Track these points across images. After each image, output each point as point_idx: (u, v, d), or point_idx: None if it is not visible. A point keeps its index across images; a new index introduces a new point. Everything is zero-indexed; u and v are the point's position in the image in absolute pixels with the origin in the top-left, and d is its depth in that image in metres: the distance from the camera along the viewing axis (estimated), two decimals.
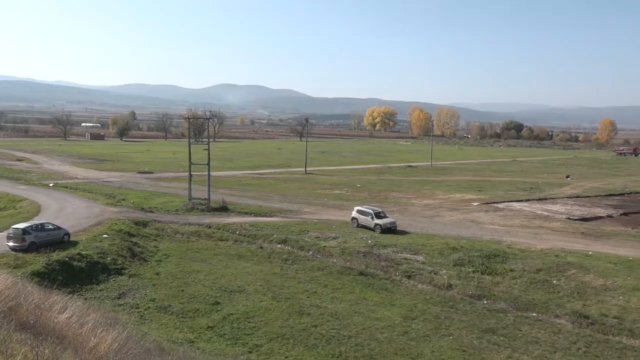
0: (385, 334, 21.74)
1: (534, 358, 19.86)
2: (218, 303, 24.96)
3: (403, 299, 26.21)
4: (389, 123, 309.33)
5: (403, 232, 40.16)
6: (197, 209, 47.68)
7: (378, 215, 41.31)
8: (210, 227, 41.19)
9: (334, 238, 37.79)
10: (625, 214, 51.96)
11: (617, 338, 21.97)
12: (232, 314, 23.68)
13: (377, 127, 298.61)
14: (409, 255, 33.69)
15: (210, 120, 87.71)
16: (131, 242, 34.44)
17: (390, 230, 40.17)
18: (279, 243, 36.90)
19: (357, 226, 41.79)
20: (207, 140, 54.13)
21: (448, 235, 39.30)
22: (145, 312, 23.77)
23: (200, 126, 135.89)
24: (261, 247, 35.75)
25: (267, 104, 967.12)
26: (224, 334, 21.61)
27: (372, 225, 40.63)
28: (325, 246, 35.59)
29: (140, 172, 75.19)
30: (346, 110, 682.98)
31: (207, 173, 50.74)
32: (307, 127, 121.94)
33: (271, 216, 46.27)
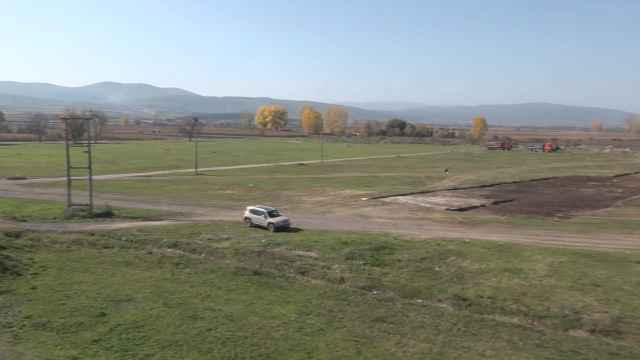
0: (281, 332, 21.92)
1: (420, 341, 21.14)
2: (104, 314, 23.56)
3: (297, 295, 26.58)
4: (280, 122, 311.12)
5: (296, 230, 40.69)
6: (78, 215, 44.61)
7: (271, 214, 41.45)
8: (93, 235, 38.74)
9: (227, 239, 37.32)
10: (495, 203, 56.99)
11: (491, 316, 24.06)
12: (120, 324, 22.49)
13: (268, 126, 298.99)
14: (302, 252, 34.23)
15: (91, 120, 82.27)
16: (1, 255, 31.33)
17: (283, 228, 40.51)
18: (169, 247, 35.65)
19: (251, 226, 41.62)
20: (87, 142, 50.76)
21: (339, 231, 40.50)
22: (20, 331, 21.79)
23: (80, 127, 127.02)
24: (150, 253, 34.29)
25: (154, 104, 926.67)
26: (112, 347, 20.46)
27: (266, 224, 40.70)
28: (218, 248, 35.02)
29: (10, 178, 68.71)
30: (237, 109, 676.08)
31: (88, 177, 47.56)
32: (196, 126, 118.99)
33: (160, 220, 44.56)
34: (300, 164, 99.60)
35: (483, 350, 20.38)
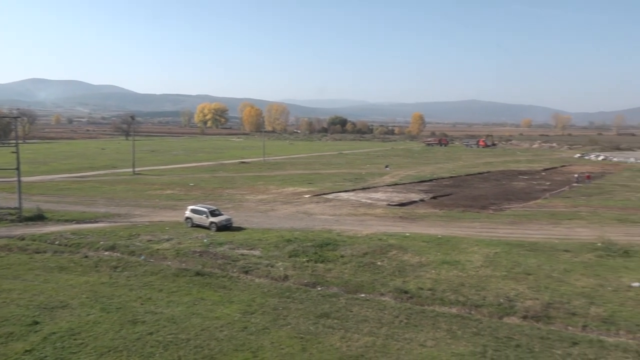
0: (225, 332, 21.67)
1: (364, 335, 21.50)
2: (37, 323, 22.41)
3: (241, 294, 26.35)
4: (221, 120, 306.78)
5: (239, 229, 40.32)
6: (6, 219, 42.26)
7: (213, 213, 40.86)
8: (23, 239, 36.76)
9: (168, 240, 36.45)
10: (434, 197, 58.76)
11: (431, 307, 24.81)
12: (54, 332, 21.47)
13: (209, 124, 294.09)
14: (245, 250, 33.96)
15: (19, 119, 77.91)
16: None
17: (226, 227, 40.03)
18: (106, 250, 34.36)
19: (192, 226, 40.86)
20: (15, 142, 48.05)
21: (283, 228, 40.48)
22: None
23: (6, 126, 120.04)
24: (86, 256, 32.93)
25: (88, 101, 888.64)
26: (45, 357, 19.51)
27: (208, 224, 40.07)
28: (158, 249, 34.13)
29: None
30: (176, 107, 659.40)
31: (17, 178, 45.03)
32: (133, 125, 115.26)
33: (96, 222, 42.91)
34: (242, 162, 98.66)
35: (424, 340, 20.99)
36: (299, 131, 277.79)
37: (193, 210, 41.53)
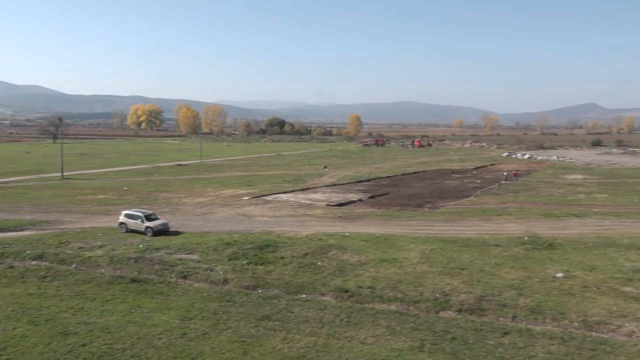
0: (163, 339, 21.10)
1: (306, 335, 21.59)
2: None
3: (180, 300, 25.75)
4: (156, 121, 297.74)
5: (176, 233, 39.39)
6: None
7: (148, 217, 39.69)
8: None
9: (101, 246, 35.03)
10: (372, 197, 59.87)
11: (371, 305, 25.26)
12: None
13: (143, 126, 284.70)
14: (183, 255, 33.21)
15: None
16: None
17: (162, 232, 39.00)
18: (33, 259, 32.53)
19: (127, 231, 39.51)
20: None
21: (222, 231, 39.92)
22: None
23: None
24: (11, 267, 31.04)
25: (10, 102, 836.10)
26: None
27: (143, 229, 38.88)
28: (90, 256, 32.71)
29: None
30: (107, 108, 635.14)
31: None
32: (61, 127, 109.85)
33: (22, 230, 40.61)
34: (179, 165, 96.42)
35: (364, 338, 21.35)
36: (236, 133, 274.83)
37: (127, 215, 40.16)
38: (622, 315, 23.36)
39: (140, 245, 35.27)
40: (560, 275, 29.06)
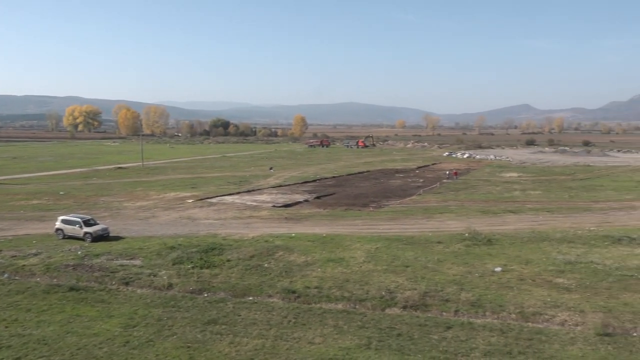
0: (104, 349, 20.37)
1: (253, 338, 21.44)
2: None
3: (122, 307, 24.94)
4: (94, 123, 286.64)
5: (117, 238, 38.11)
6: None
7: (87, 222, 38.18)
8: None
9: (36, 254, 33.36)
10: (318, 197, 60.16)
11: (318, 305, 25.40)
12: None
13: (80, 127, 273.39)
14: (125, 261, 32.17)
15: None
16: None
17: (102, 237, 37.63)
18: None
19: (64, 237, 37.87)
20: None
21: (165, 235, 38.98)
22: None
23: None
24: None
25: None
26: None
27: (82, 235, 37.37)
28: (24, 265, 31.10)
29: None
30: (41, 109, 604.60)
31: None
32: None
33: None
34: (119, 168, 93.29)
35: (312, 338, 21.44)
36: (179, 134, 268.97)
37: (64, 221, 38.49)
38: (556, 306, 24.62)
39: (79, 252, 33.90)
40: (498, 269, 30.27)
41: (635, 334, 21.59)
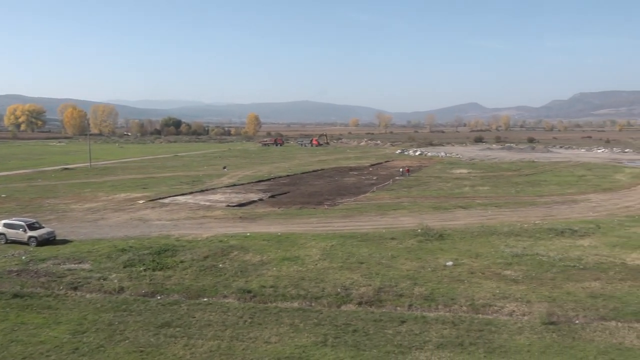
0: (52, 357, 19.63)
1: (208, 340, 21.18)
2: None
3: (70, 313, 24.08)
4: (37, 122, 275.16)
5: (64, 242, 36.77)
6: None
7: (32, 226, 36.65)
8: None
9: None
10: (272, 196, 59.95)
11: (274, 304, 25.33)
12: None
13: (22, 127, 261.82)
14: (73, 265, 31.08)
15: None
16: None
17: (48, 241, 36.21)
18: None
19: (6, 242, 36.22)
20: None
21: (116, 238, 37.92)
22: None
23: None
24: None
25: None
26: None
27: (26, 239, 35.84)
28: None
29: None
30: None
31: None
32: None
33: None
34: (66, 169, 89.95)
35: (268, 337, 21.39)
36: (129, 134, 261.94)
37: (7, 225, 36.80)
38: (504, 297, 25.52)
39: (23, 257, 32.50)
40: (450, 263, 31.08)
41: (577, 322, 22.65)
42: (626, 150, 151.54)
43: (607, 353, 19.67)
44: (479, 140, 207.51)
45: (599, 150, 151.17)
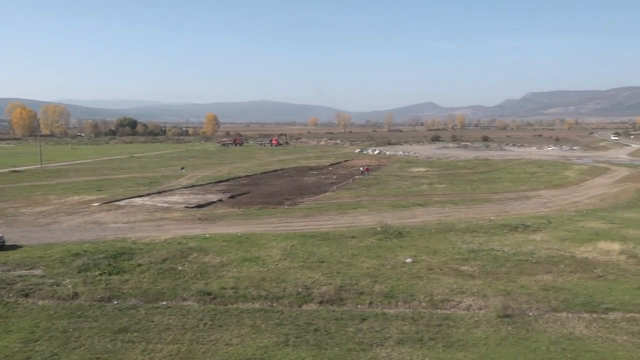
0: None
1: (168, 344, 20.79)
2: None
3: (21, 321, 23.17)
4: None
5: (14, 247, 35.32)
6: None
7: None
8: None
9: None
10: (232, 196, 59.40)
11: (235, 305, 25.09)
12: None
13: None
14: (24, 271, 29.91)
15: None
16: None
17: None
18: None
19: None
20: None
21: (69, 242, 36.73)
22: None
23: None
24: None
25: None
26: None
27: None
28: None
29: None
30: None
31: None
32: None
33: None
34: (14, 171, 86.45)
35: (230, 339, 21.19)
36: (82, 134, 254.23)
37: None
38: (462, 292, 26.13)
39: None
40: (409, 260, 31.59)
41: (530, 314, 23.43)
42: (574, 148, 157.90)
43: (559, 343, 20.42)
44: (435, 139, 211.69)
45: (549, 148, 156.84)
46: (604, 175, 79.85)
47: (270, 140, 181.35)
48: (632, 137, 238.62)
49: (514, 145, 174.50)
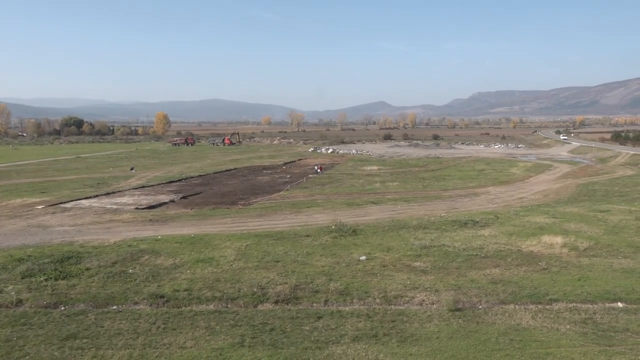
0: None
1: (119, 349, 20.22)
2: None
3: None
4: None
5: None
6: None
7: None
8: None
9: None
10: (184, 197, 58.35)
11: (189, 308, 24.66)
12: None
13: None
14: None
15: None
16: None
17: None
18: None
19: None
20: None
21: (12, 247, 35.10)
22: None
23: None
24: None
25: None
26: None
27: None
28: None
29: None
30: None
31: None
32: None
33: None
34: None
35: (184, 342, 20.82)
36: (24, 134, 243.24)
37: None
38: (414, 288, 26.67)
39: None
40: (363, 258, 31.96)
41: (480, 307, 24.18)
42: (519, 146, 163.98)
43: (507, 334, 21.18)
44: (387, 137, 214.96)
45: (496, 146, 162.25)
46: (547, 172, 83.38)
47: (223, 140, 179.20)
48: (572, 135, 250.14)
49: (462, 143, 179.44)
